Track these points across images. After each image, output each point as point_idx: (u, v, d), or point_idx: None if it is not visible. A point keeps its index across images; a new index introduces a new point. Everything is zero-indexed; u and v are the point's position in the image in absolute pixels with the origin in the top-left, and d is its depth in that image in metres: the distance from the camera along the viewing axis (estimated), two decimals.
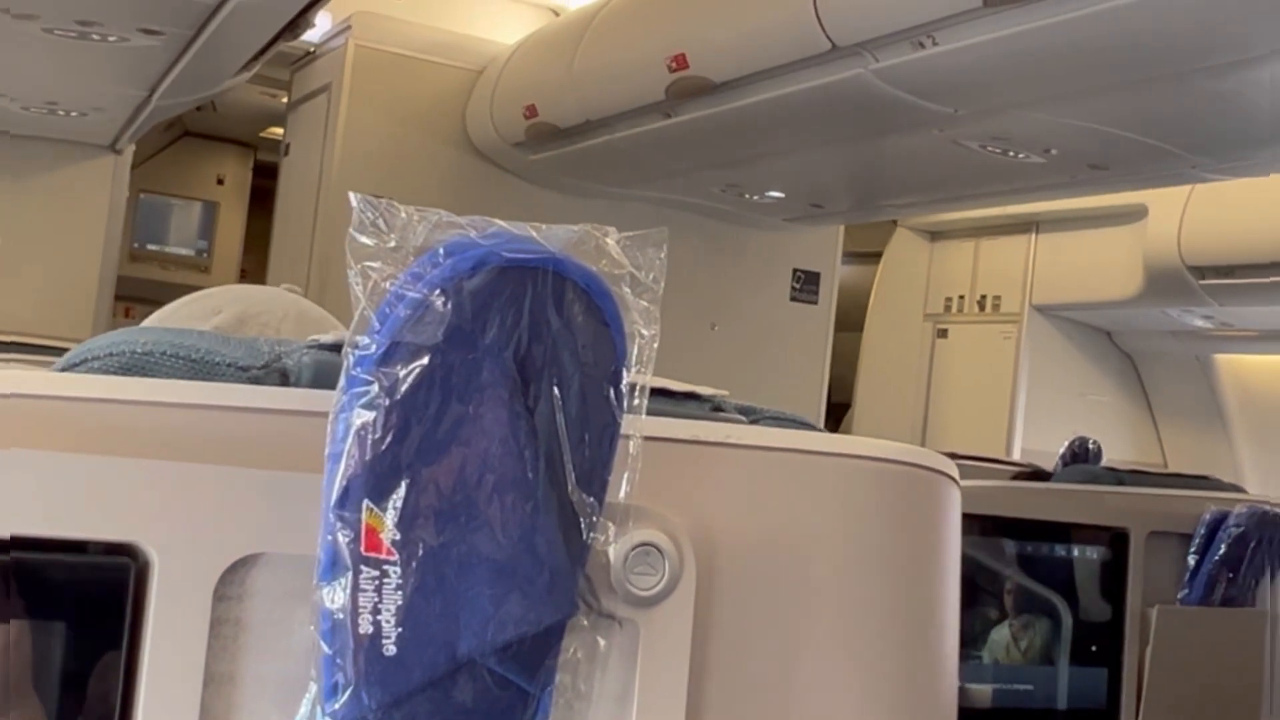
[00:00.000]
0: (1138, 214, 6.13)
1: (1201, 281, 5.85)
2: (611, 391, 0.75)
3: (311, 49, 6.07)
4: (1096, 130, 3.96)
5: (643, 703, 0.81)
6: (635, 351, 0.77)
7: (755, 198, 5.79)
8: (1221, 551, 2.57)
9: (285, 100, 6.63)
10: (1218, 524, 2.57)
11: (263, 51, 4.13)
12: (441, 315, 0.70)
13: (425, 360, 0.70)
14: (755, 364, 6.40)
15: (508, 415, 0.72)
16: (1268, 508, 2.59)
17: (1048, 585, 2.57)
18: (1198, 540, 2.59)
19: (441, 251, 0.71)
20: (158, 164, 8.12)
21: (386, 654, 0.71)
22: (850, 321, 7.43)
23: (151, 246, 8.17)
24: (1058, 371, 6.98)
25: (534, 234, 0.73)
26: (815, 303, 6.76)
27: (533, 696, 0.76)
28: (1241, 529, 2.56)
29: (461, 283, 0.71)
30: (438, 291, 0.70)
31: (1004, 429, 6.70)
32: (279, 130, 7.07)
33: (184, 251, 8.27)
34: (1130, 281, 6.24)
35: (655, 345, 0.78)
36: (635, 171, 5.49)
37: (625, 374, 0.76)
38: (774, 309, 6.61)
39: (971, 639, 2.50)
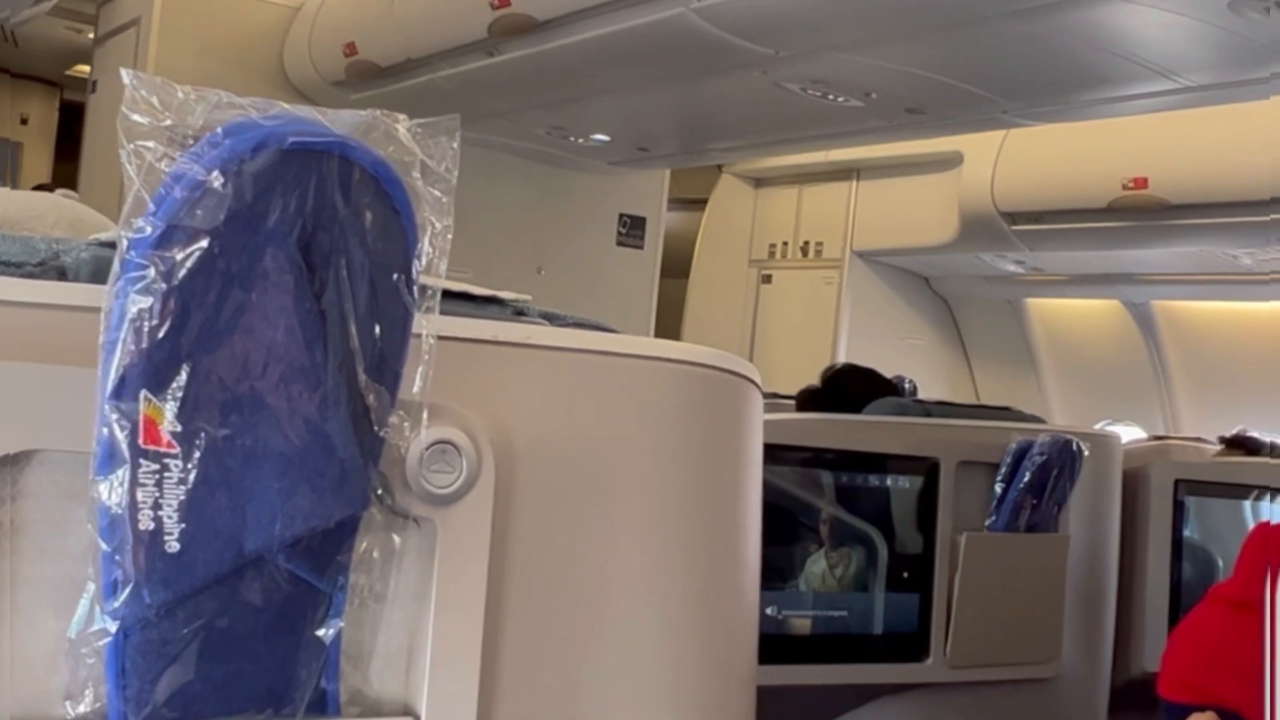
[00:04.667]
0: (953, 161, 6.28)
1: (1013, 227, 6.03)
2: (403, 281, 0.73)
3: None
4: (913, 74, 4.03)
5: (441, 602, 0.80)
6: (427, 242, 0.75)
7: (580, 140, 5.77)
8: (1026, 479, 2.65)
9: (92, 36, 6.37)
10: (1023, 453, 2.65)
11: None
12: (221, 197, 0.67)
13: (204, 244, 0.67)
14: (582, 308, 6.32)
15: (293, 303, 0.70)
16: (1069, 437, 2.69)
17: (862, 515, 2.62)
18: (1004, 469, 2.67)
19: (221, 132, 0.68)
20: None
21: (168, 550, 0.69)
22: (676, 268, 7.48)
23: None
24: (878, 316, 7.14)
25: (320, 117, 0.71)
26: (641, 247, 6.79)
27: (325, 595, 0.75)
28: (1045, 457, 2.64)
29: (242, 164, 0.68)
30: (216, 173, 0.67)
31: None
32: (86, 68, 6.80)
33: None
34: (946, 228, 6.40)
35: (449, 237, 0.76)
36: (458, 112, 5.41)
37: (417, 263, 0.74)
38: (600, 253, 6.62)
39: (790, 569, 2.55)
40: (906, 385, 3.76)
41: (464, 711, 0.80)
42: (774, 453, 2.44)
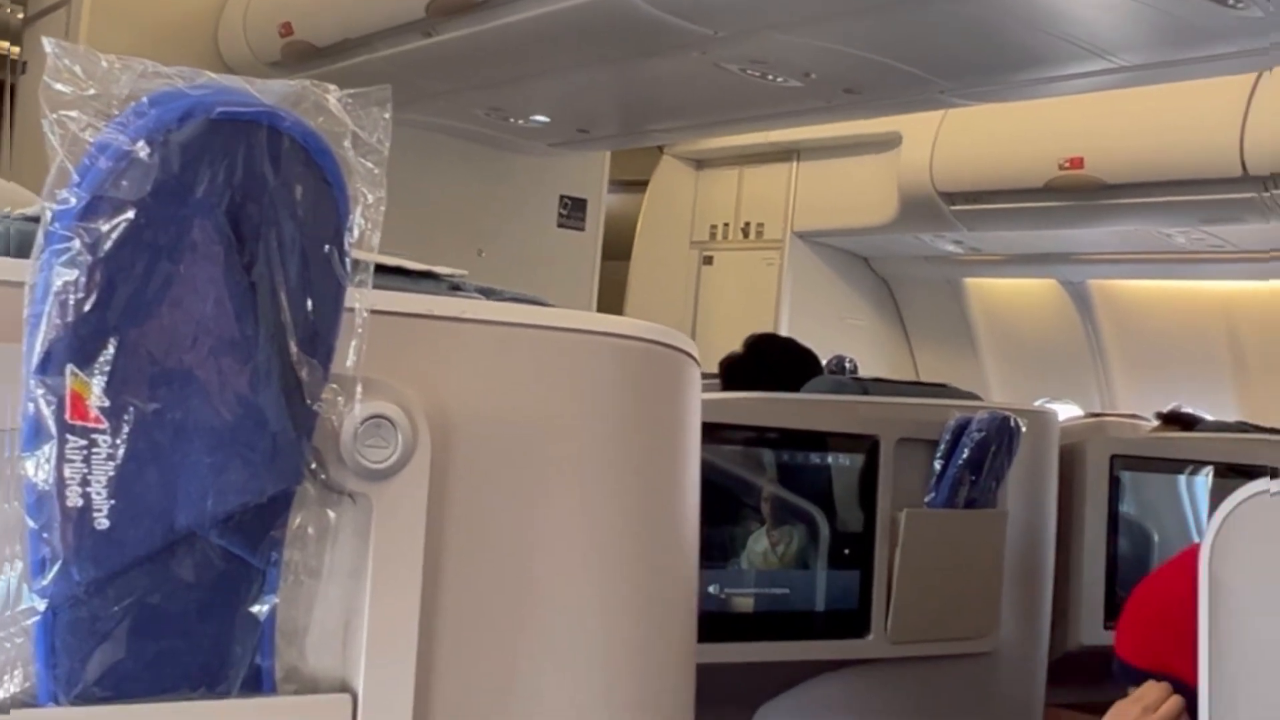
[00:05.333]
0: (892, 142, 6.31)
1: (952, 207, 6.07)
2: (335, 254, 0.73)
3: None
4: (851, 54, 4.05)
5: (377, 577, 0.79)
6: (360, 214, 0.74)
7: (520, 122, 5.74)
8: (965, 456, 2.67)
9: (22, 16, 6.27)
10: (961, 430, 2.68)
11: None
12: (147, 168, 0.66)
13: (131, 215, 0.66)
14: (523, 290, 6.36)
15: (223, 275, 0.69)
16: (1007, 413, 2.71)
17: (803, 493, 2.63)
18: (943, 446, 2.69)
19: (147, 102, 0.67)
20: None
21: (98, 527, 0.68)
22: (618, 250, 7.47)
23: None
24: (818, 296, 7.17)
25: (248, 87, 0.70)
26: (582, 229, 6.77)
27: (258, 571, 0.74)
28: (983, 433, 2.67)
29: (169, 135, 0.67)
30: (142, 143, 0.66)
31: None
32: (16, 48, 6.69)
33: None
34: (886, 208, 6.44)
35: (382, 209, 0.76)
36: (397, 93, 5.31)
37: (349, 236, 0.73)
38: (541, 235, 6.60)
39: (731, 548, 2.56)
40: (847, 364, 3.78)
41: (401, 687, 0.80)
42: (715, 432, 2.45)
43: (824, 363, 3.63)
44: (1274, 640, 1.40)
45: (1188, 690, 1.81)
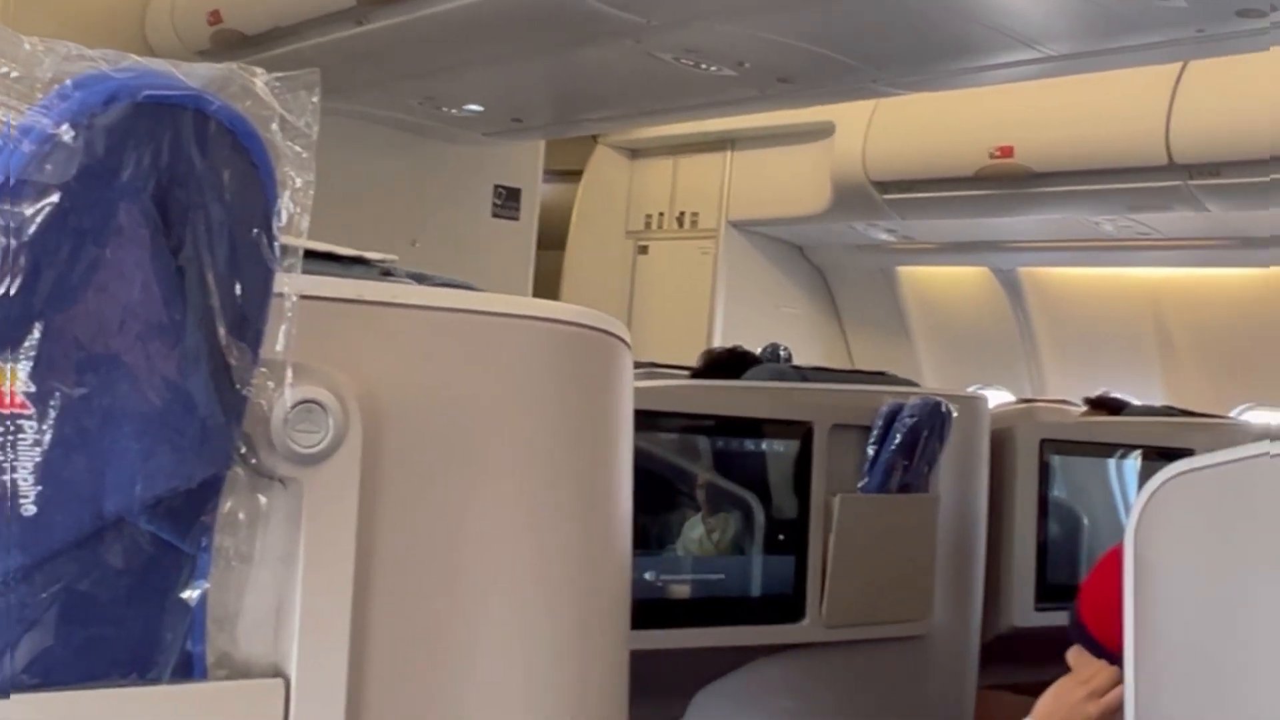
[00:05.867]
0: (826, 131, 6.34)
1: (885, 196, 6.11)
2: (263, 238, 0.72)
3: None
4: (784, 43, 4.06)
5: (309, 562, 0.79)
6: (288, 198, 0.74)
7: (454, 111, 5.72)
8: (897, 441, 2.70)
9: None
10: (894, 415, 2.70)
11: None
12: (71, 151, 0.66)
13: (55, 199, 0.66)
14: (458, 280, 6.34)
15: (150, 259, 0.68)
16: (938, 399, 2.74)
17: (739, 479, 2.65)
18: (876, 431, 2.71)
19: (71, 84, 0.67)
20: None
21: (24, 514, 0.68)
22: (553, 239, 7.45)
23: None
24: (753, 285, 7.20)
25: (174, 70, 0.70)
26: (517, 219, 6.75)
27: (188, 556, 0.74)
28: (915, 419, 2.69)
29: (93, 118, 0.66)
30: (66, 126, 0.66)
31: (703, 342, 6.87)
32: None
33: None
34: (819, 197, 6.47)
35: (310, 193, 0.76)
36: (328, 82, 5.26)
37: (277, 220, 0.73)
38: (476, 225, 6.57)
39: (668, 535, 2.57)
40: (782, 353, 3.80)
41: (334, 672, 0.80)
42: (651, 419, 2.46)
43: (757, 352, 3.64)
44: (1197, 619, 1.43)
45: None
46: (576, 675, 0.93)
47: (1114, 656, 1.88)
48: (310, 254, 0.81)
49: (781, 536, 2.66)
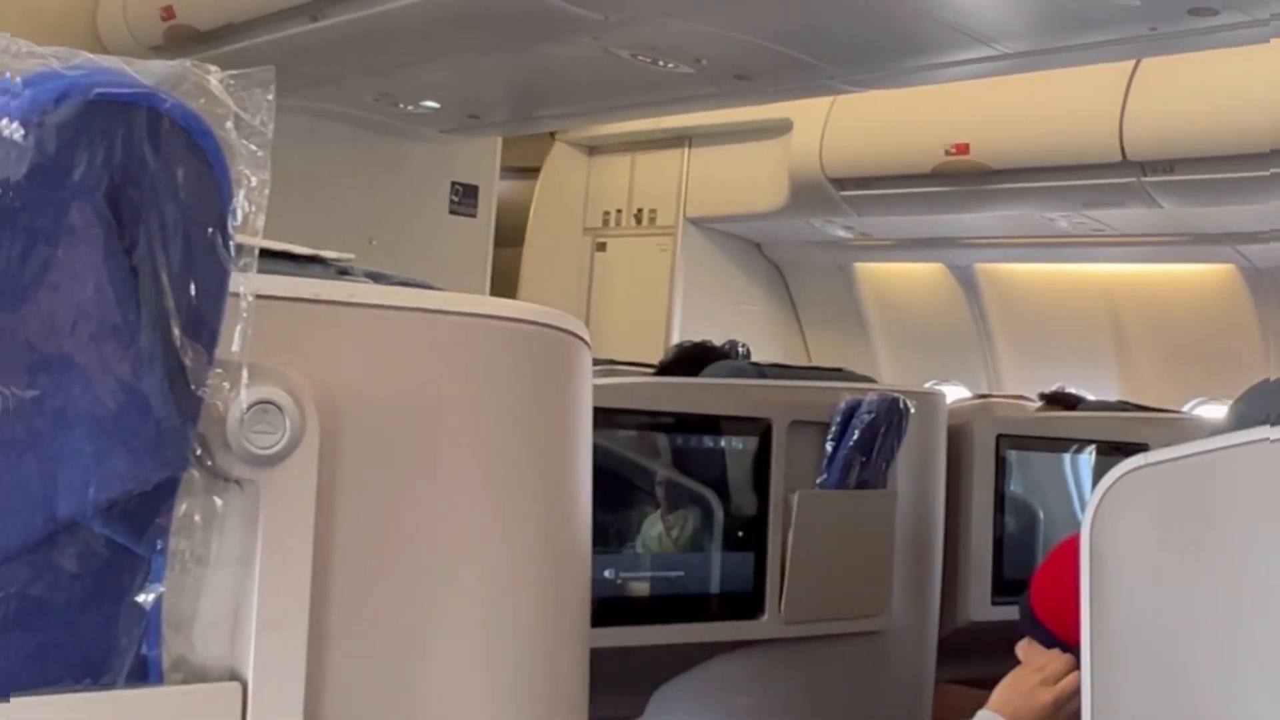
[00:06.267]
0: (783, 128, 6.36)
1: (842, 193, 6.14)
2: (218, 237, 0.72)
3: None
4: (742, 40, 4.07)
5: (266, 564, 0.78)
6: (243, 197, 0.73)
7: (410, 108, 5.70)
8: (855, 437, 2.70)
9: None
10: (852, 412, 2.71)
11: None
12: (22, 150, 0.65)
13: (5, 198, 0.65)
14: (415, 278, 6.32)
15: (103, 259, 0.68)
16: (896, 395, 2.75)
17: (698, 477, 2.65)
18: (834, 427, 2.72)
19: (20, 82, 0.66)
20: None
21: None
22: (510, 237, 7.44)
23: None
24: (711, 282, 7.21)
25: (126, 68, 0.69)
26: (474, 216, 6.74)
27: (143, 559, 0.73)
28: (873, 415, 2.70)
29: (44, 116, 0.65)
30: (17, 124, 0.65)
31: (661, 338, 6.88)
32: None
33: None
34: (777, 194, 6.49)
35: (266, 192, 0.75)
36: (283, 79, 5.24)
37: (232, 219, 0.72)
38: (433, 223, 6.55)
39: (627, 532, 2.56)
40: (740, 350, 3.81)
41: (292, 675, 0.79)
42: (610, 416, 2.45)
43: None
44: (1152, 611, 1.45)
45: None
46: (539, 675, 0.93)
47: (1066, 646, 1.90)
48: (267, 253, 0.81)
49: (740, 533, 2.67)
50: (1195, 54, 4.36)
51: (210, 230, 0.71)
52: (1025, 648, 2.01)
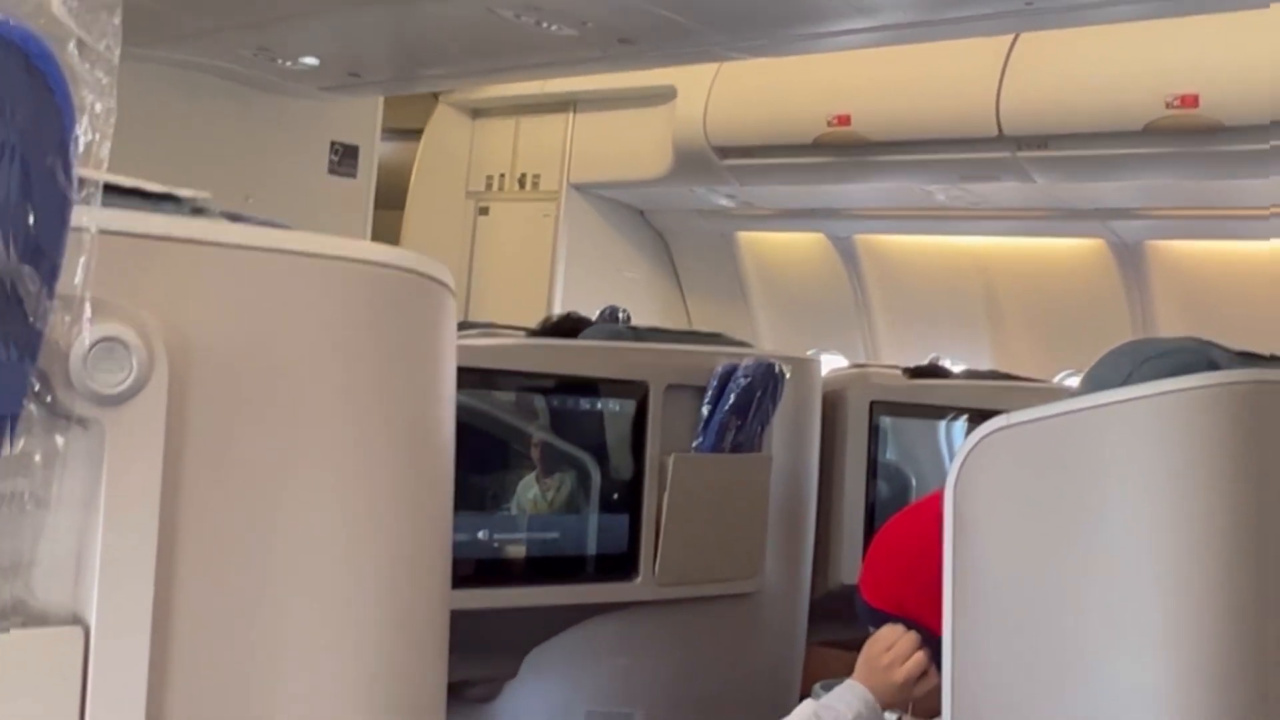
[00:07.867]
0: (668, 95, 6.36)
1: (724, 161, 6.16)
2: (59, 165, 0.69)
3: None
4: (626, 4, 4.06)
5: (110, 506, 0.76)
6: (86, 124, 0.71)
7: (289, 64, 5.58)
8: (731, 401, 2.72)
9: None
10: (728, 376, 2.72)
11: None
12: None
13: None
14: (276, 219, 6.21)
15: None
16: (772, 360, 2.77)
17: (574, 439, 2.65)
18: (711, 391, 2.73)
19: None
20: None
21: None
22: (391, 199, 7.34)
23: None
24: (595, 248, 7.19)
25: None
26: (354, 177, 6.64)
27: None
28: (749, 379, 2.72)
29: None
30: None
31: (543, 304, 6.85)
32: None
33: None
34: (660, 161, 6.49)
35: (111, 121, 0.72)
36: (156, 31, 5.15)
37: (74, 146, 0.70)
38: (311, 182, 6.44)
39: (502, 494, 2.55)
40: (621, 316, 3.81)
41: (137, 619, 0.77)
42: (488, 378, 2.44)
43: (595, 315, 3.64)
44: (1014, 568, 1.48)
45: (927, 635, 1.88)
46: (394, 624, 0.91)
47: (908, 623, 1.93)
48: (119, 190, 0.78)
49: (616, 496, 2.67)
50: (1071, 32, 4.44)
51: (50, 158, 0.69)
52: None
